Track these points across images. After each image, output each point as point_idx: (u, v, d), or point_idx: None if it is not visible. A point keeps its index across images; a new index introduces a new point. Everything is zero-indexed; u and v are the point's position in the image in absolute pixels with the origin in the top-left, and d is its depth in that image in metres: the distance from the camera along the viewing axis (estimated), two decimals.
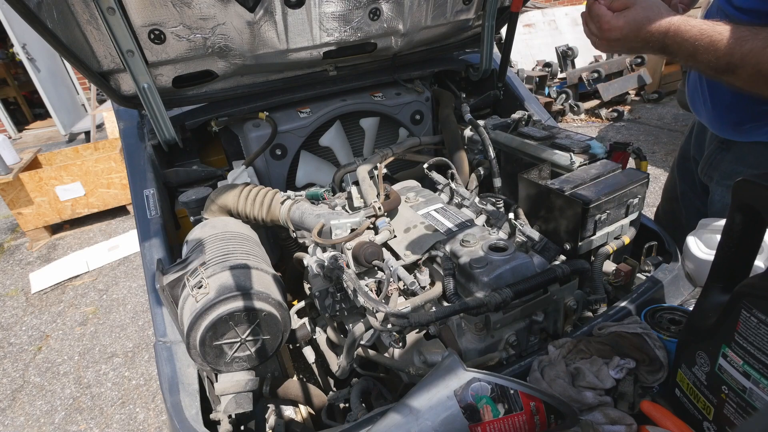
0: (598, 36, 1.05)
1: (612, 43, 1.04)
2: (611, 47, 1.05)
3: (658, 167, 4.04)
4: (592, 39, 1.08)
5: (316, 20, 1.46)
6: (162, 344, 1.07)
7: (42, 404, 2.36)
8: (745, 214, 0.66)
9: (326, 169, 1.81)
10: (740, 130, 1.19)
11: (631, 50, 1.04)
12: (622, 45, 1.02)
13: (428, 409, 0.71)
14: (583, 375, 0.82)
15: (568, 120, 5.39)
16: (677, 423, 0.74)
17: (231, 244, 1.13)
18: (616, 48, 1.05)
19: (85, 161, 3.83)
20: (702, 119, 1.34)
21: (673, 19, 0.94)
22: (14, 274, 3.56)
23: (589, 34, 1.08)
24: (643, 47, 1.00)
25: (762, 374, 0.62)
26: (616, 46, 1.04)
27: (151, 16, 1.26)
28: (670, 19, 0.94)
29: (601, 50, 1.11)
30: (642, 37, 0.97)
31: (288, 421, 1.17)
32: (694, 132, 1.48)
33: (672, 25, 0.94)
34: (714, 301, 0.73)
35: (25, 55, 5.79)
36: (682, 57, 0.96)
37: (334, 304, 1.15)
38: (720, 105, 1.22)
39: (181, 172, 1.55)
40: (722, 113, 1.22)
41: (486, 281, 0.97)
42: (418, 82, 1.89)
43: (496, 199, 1.39)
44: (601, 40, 1.05)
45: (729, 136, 1.24)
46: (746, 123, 1.16)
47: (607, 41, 1.04)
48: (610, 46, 1.05)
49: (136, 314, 2.96)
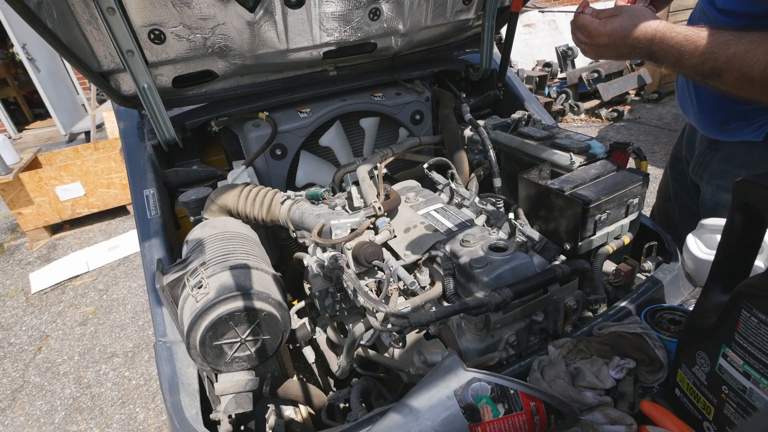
0: (586, 43, 1.08)
1: (600, 50, 1.06)
2: (600, 54, 1.09)
3: (658, 167, 4.04)
4: (581, 47, 1.12)
5: (316, 20, 1.46)
6: (162, 344, 1.07)
7: (42, 404, 2.36)
8: (745, 214, 0.66)
9: (326, 169, 1.81)
10: (726, 129, 1.20)
11: (620, 56, 1.07)
12: (610, 51, 1.05)
13: (428, 409, 0.71)
14: (583, 375, 0.82)
15: (568, 120, 5.39)
16: (677, 423, 0.74)
17: (231, 244, 1.13)
18: (605, 54, 1.07)
19: (85, 161, 3.83)
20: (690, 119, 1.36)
21: (659, 26, 0.97)
22: (14, 274, 3.56)
23: (578, 42, 1.11)
24: (630, 53, 1.03)
25: (762, 374, 0.62)
26: (604, 53, 1.07)
27: (151, 16, 1.26)
28: (656, 26, 0.97)
29: (590, 57, 1.14)
30: (629, 43, 1.00)
31: (288, 421, 1.17)
32: (685, 133, 1.49)
33: (657, 32, 0.96)
34: (714, 301, 0.73)
35: (25, 55, 5.79)
36: (668, 63, 0.98)
37: (334, 304, 1.15)
38: (706, 105, 1.23)
39: (181, 172, 1.55)
40: (708, 113, 1.23)
41: (486, 281, 0.97)
42: (418, 82, 1.89)
43: (496, 199, 1.39)
44: (590, 47, 1.08)
45: (716, 135, 1.25)
46: (731, 122, 1.18)
47: (596, 47, 1.06)
48: (598, 53, 1.08)
49: (136, 314, 2.96)
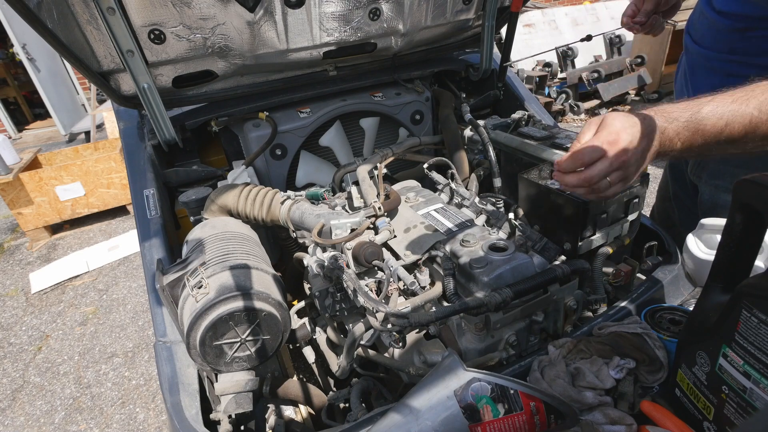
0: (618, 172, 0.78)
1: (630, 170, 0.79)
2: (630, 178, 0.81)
3: (658, 167, 4.04)
4: (599, 194, 0.82)
5: (316, 20, 1.46)
6: (162, 344, 1.07)
7: (42, 404, 2.36)
8: (745, 214, 0.66)
9: (326, 169, 1.81)
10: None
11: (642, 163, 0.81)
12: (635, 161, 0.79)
13: (428, 409, 0.71)
14: (583, 375, 0.82)
15: (568, 120, 5.39)
16: (677, 423, 0.74)
17: (231, 244, 1.13)
18: (633, 171, 0.80)
19: (85, 161, 3.83)
20: None
21: (667, 130, 0.78)
22: (14, 274, 3.56)
23: (590, 192, 0.81)
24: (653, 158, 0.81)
25: (762, 374, 0.62)
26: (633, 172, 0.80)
27: (151, 16, 1.25)
28: (663, 131, 0.78)
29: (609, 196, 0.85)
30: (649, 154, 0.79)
31: (288, 421, 1.17)
32: None
33: (666, 135, 0.78)
34: (714, 301, 0.73)
35: (25, 55, 5.79)
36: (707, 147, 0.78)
37: (334, 304, 1.15)
38: None
39: (181, 172, 1.55)
40: None
41: (486, 281, 0.97)
42: (418, 82, 1.89)
43: (496, 199, 1.39)
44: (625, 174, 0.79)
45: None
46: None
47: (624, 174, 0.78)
48: (627, 174, 0.79)
49: (136, 314, 2.96)
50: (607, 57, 5.69)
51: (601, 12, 6.52)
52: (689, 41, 1.29)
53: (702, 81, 1.25)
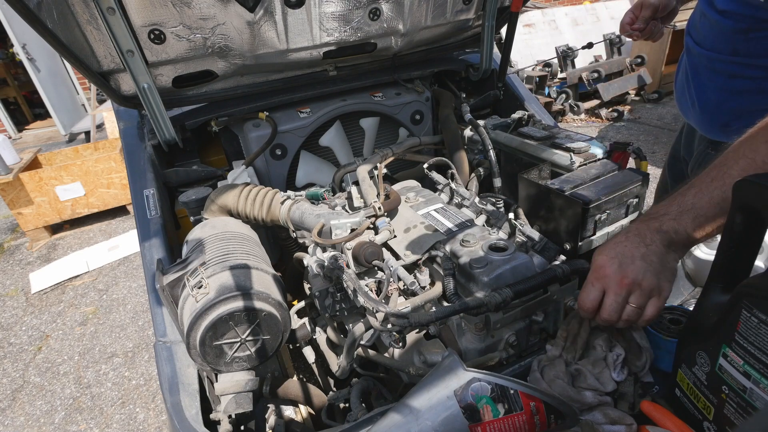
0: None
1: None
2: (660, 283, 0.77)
3: (659, 167, 4.04)
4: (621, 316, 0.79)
5: (316, 20, 1.46)
6: (162, 344, 1.07)
7: (42, 404, 2.36)
8: (745, 214, 0.66)
9: (326, 169, 1.81)
10: (727, 130, 1.20)
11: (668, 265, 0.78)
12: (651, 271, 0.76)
13: (428, 409, 0.71)
14: (584, 377, 0.82)
15: (568, 120, 5.39)
16: (677, 423, 0.74)
17: (231, 244, 1.13)
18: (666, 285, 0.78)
19: (85, 161, 3.83)
20: (690, 121, 1.35)
21: (667, 225, 0.75)
22: (14, 274, 3.56)
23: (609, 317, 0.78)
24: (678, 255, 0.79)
25: (762, 374, 0.62)
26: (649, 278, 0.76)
27: (151, 16, 1.26)
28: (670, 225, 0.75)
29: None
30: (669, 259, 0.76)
31: (288, 421, 1.17)
32: (683, 133, 1.49)
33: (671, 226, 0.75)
34: (714, 301, 0.73)
35: (25, 55, 5.79)
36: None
37: (334, 304, 1.15)
38: (707, 107, 1.23)
39: (181, 172, 1.55)
40: (710, 115, 1.23)
41: (486, 281, 0.97)
42: (418, 82, 1.89)
43: (496, 199, 1.39)
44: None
45: (716, 137, 1.25)
46: (733, 124, 1.17)
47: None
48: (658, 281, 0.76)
49: (136, 314, 2.96)
50: (607, 57, 5.69)
51: (601, 12, 6.52)
52: (691, 42, 1.29)
53: (706, 82, 1.25)
